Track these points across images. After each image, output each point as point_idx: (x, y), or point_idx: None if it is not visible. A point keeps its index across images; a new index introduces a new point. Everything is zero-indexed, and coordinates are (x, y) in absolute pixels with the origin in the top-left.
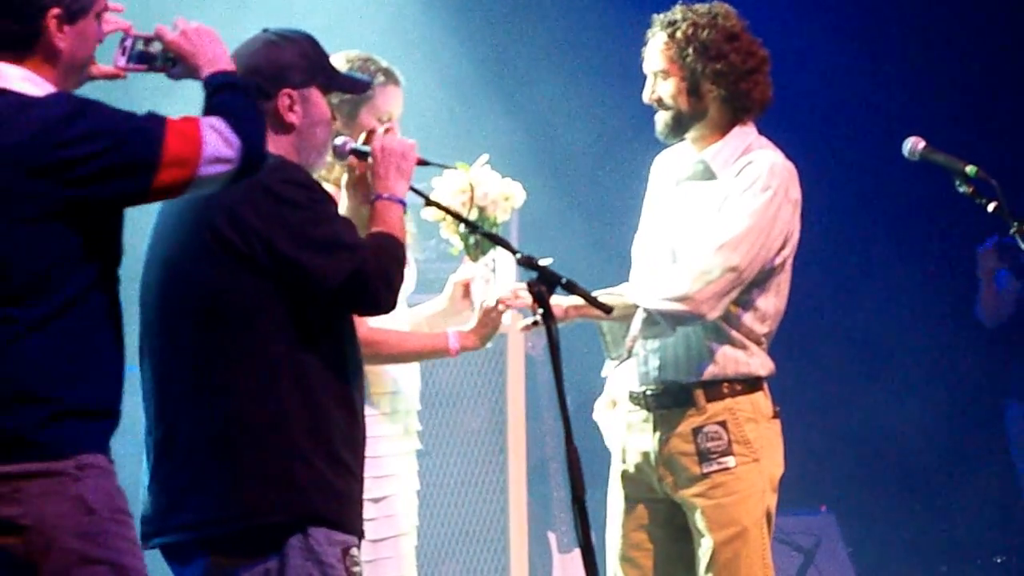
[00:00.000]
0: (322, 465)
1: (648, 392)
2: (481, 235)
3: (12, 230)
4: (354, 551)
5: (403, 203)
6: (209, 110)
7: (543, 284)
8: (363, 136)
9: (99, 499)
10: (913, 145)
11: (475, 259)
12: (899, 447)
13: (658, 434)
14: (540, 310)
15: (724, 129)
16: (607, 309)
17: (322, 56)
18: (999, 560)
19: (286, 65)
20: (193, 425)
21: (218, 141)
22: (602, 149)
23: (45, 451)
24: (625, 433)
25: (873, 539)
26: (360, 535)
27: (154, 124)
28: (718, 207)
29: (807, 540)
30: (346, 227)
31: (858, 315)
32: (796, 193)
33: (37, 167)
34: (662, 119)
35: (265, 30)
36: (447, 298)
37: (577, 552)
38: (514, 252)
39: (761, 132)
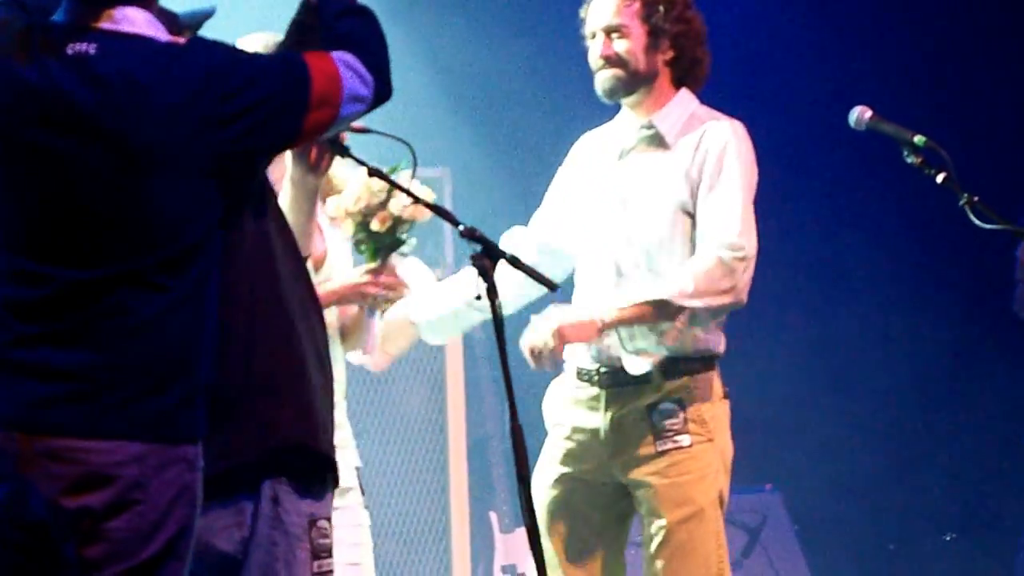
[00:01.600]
0: (293, 400)
1: (601, 369)
2: (424, 205)
3: (180, 192)
4: (322, 523)
5: None
6: (335, 39)
7: (487, 258)
8: None
9: (199, 493)
10: (860, 115)
11: (372, 260)
12: (847, 425)
13: (610, 412)
14: (484, 284)
15: (668, 95)
16: (553, 286)
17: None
18: (948, 538)
19: None
20: None
21: (354, 79)
22: (537, 118)
23: (181, 433)
24: (570, 410)
25: (820, 517)
26: (336, 483)
27: (299, 63)
28: (679, 177)
29: (753, 519)
30: None
31: (806, 289)
32: (753, 154)
33: (202, 122)
34: (613, 76)
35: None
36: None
37: (519, 532)
38: (456, 224)
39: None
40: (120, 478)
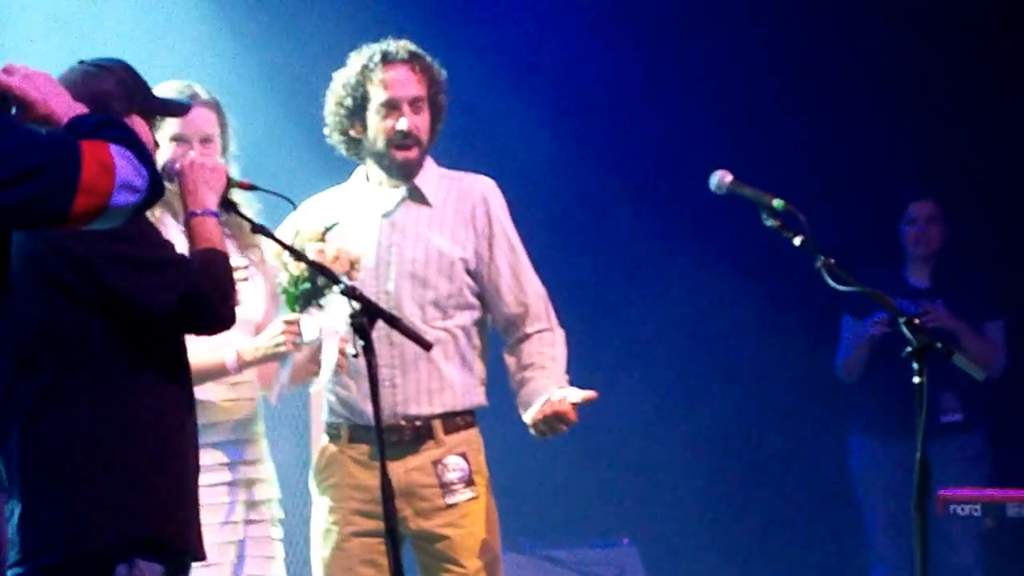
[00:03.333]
0: (153, 490)
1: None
2: (304, 261)
3: None
4: None
5: (216, 215)
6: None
7: (365, 316)
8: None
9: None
10: (720, 179)
11: (292, 308)
12: (700, 476)
13: (392, 468)
14: (361, 342)
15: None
16: (427, 345)
17: (139, 81)
18: None
19: (106, 95)
20: (24, 456)
21: (129, 169)
22: None
23: None
24: (348, 468)
25: (676, 571)
26: (195, 552)
27: (73, 144)
28: (459, 232)
29: (609, 572)
30: (173, 251)
31: (654, 339)
32: None
33: None
34: (413, 156)
35: (81, 62)
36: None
37: None
38: (338, 282)
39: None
40: None
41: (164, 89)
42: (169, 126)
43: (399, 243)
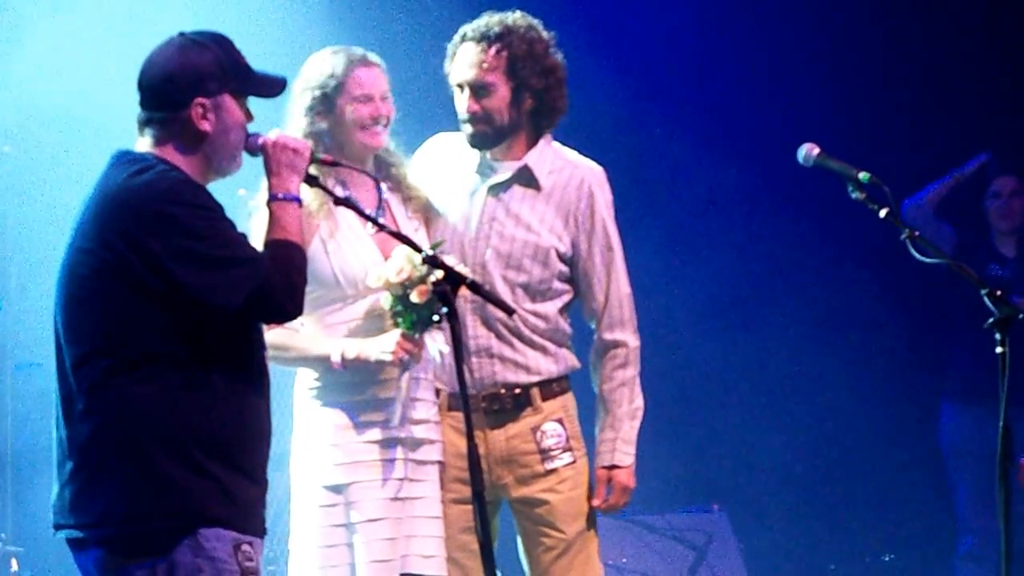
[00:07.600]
0: (215, 470)
1: (481, 395)
2: (378, 227)
3: None
4: (246, 547)
5: (298, 200)
6: None
7: (448, 283)
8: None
9: None
10: (808, 151)
11: (410, 331)
12: (791, 448)
13: (492, 435)
14: (444, 309)
15: (528, 139)
16: (510, 311)
17: (236, 60)
18: (887, 558)
19: (200, 74)
20: (91, 429)
21: None
22: None
23: None
24: (447, 435)
25: (765, 537)
26: (259, 534)
27: None
28: (559, 220)
29: (699, 538)
30: (244, 244)
31: (748, 314)
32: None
33: None
34: (480, 132)
35: (181, 34)
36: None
37: None
38: (419, 251)
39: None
40: None
41: (336, 54)
42: (356, 84)
43: (501, 220)
